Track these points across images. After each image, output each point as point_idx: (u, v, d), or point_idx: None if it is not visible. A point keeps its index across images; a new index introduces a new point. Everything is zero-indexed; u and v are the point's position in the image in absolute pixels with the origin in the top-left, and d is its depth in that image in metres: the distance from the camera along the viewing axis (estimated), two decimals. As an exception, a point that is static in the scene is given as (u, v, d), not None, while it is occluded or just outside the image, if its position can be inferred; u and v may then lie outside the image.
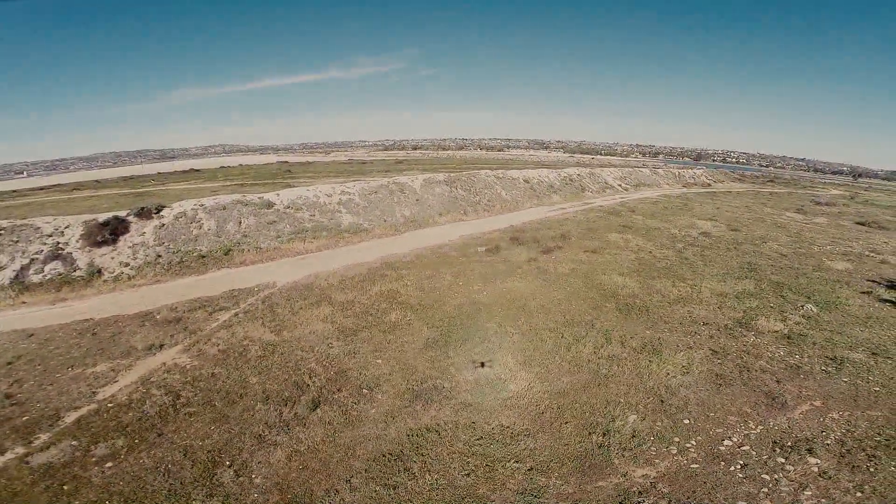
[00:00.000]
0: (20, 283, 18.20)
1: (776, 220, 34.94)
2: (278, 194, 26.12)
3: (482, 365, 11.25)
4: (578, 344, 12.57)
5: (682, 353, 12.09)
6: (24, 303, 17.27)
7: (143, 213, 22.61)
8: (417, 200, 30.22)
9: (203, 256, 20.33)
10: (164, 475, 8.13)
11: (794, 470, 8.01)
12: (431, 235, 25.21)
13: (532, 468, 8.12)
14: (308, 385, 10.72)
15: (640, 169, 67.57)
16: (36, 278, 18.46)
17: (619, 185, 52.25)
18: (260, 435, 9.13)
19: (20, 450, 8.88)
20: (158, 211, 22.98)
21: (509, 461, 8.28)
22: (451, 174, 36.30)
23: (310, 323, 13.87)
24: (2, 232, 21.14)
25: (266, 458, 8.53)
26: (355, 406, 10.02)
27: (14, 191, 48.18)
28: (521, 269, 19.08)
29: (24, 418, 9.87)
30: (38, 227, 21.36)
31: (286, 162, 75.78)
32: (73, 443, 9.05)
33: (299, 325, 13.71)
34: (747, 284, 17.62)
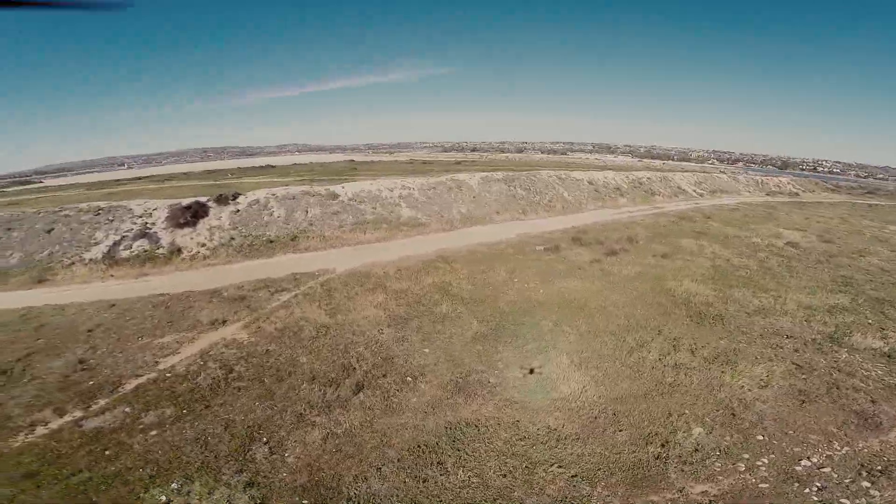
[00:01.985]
0: (111, 258, 20.14)
1: (877, 233, 30.82)
2: (343, 187, 27.00)
3: (531, 371, 10.61)
4: (642, 349, 11.66)
5: (761, 366, 10.85)
6: (111, 276, 19.08)
7: (221, 200, 24.25)
8: (474, 198, 29.97)
9: (271, 241, 21.40)
10: (201, 447, 8.35)
11: (881, 496, 6.91)
12: (487, 232, 24.83)
13: (576, 475, 7.54)
14: (354, 368, 10.77)
15: (718, 175, 62.77)
16: (125, 254, 20.36)
17: (694, 191, 48.76)
18: (300, 414, 9.23)
19: (78, 413, 9.54)
20: (235, 198, 24.55)
21: (552, 465, 7.74)
22: (510, 173, 35.67)
23: (363, 308, 14.03)
24: (100, 211, 23.55)
25: (302, 437, 8.56)
26: (397, 393, 9.90)
27: (117, 180, 54.22)
28: (582, 269, 18.19)
29: (90, 383, 10.70)
30: (131, 209, 23.56)
31: (352, 160, 78.67)
32: (126, 409, 9.59)
33: (353, 310, 13.90)
34: (841, 299, 15.57)
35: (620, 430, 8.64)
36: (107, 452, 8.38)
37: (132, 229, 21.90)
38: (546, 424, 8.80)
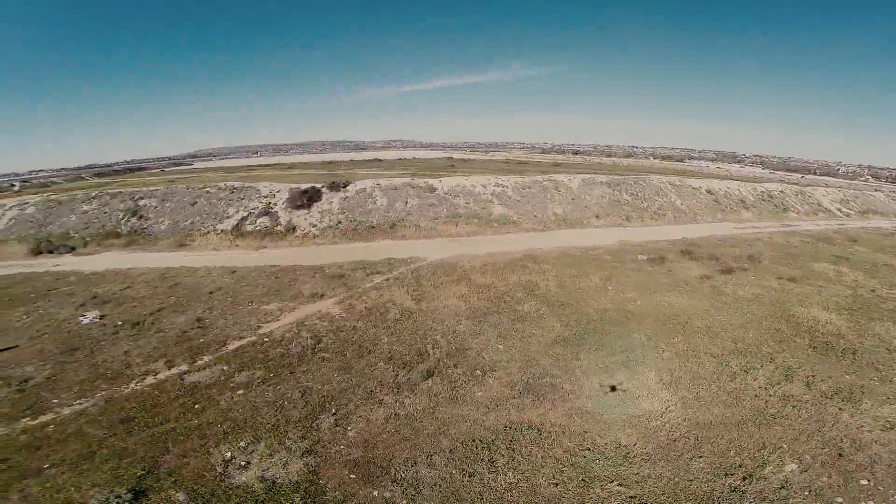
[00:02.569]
0: (238, 230, 23.06)
1: None
2: (440, 181, 27.76)
3: (612, 389, 9.86)
4: (746, 375, 10.31)
5: (890, 407, 9.00)
6: (237, 245, 21.86)
7: (334, 186, 26.42)
8: (572, 200, 28.80)
9: (372, 227, 22.83)
10: (276, 410, 9.03)
11: None
12: (583, 236, 23.72)
13: (635, 496, 6.89)
14: (428, 355, 11.01)
15: (871, 193, 52.72)
16: (249, 228, 23.17)
17: (838, 209, 41.55)
18: (371, 391, 9.61)
19: (184, 367, 10.89)
20: (345, 185, 26.60)
21: (611, 482, 7.18)
22: (615, 177, 33.63)
23: (446, 298, 14.30)
24: (234, 191, 27.01)
25: (368, 414, 8.87)
26: (464, 385, 9.89)
27: (250, 166, 62.20)
28: (689, 285, 16.54)
29: (201, 340, 12.23)
30: (258, 190, 26.68)
31: (451, 157, 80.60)
32: (223, 367, 10.75)
33: (437, 299, 14.25)
34: None
35: (699, 457, 7.75)
36: (196, 406, 9.43)
37: (258, 207, 24.87)
38: (616, 440, 8.19)
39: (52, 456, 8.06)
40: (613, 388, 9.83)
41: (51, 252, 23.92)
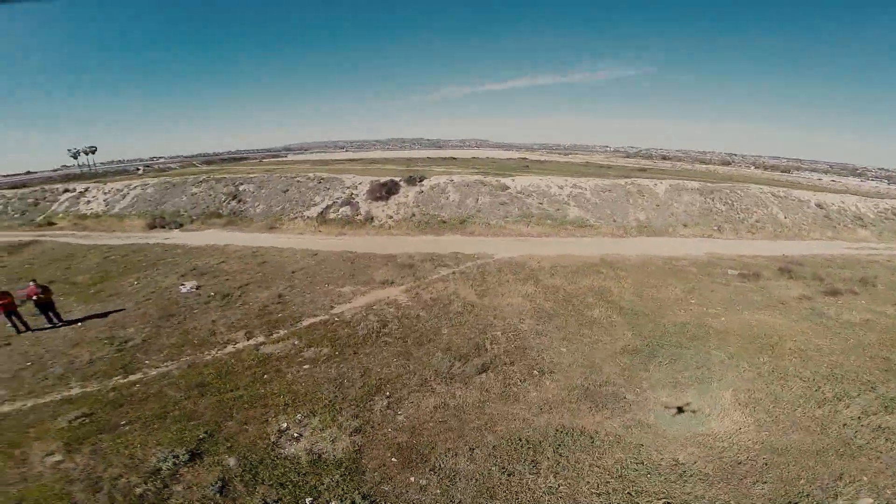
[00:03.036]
0: (322, 218, 24.60)
1: None
2: (513, 179, 27.47)
3: (679, 410, 9.07)
4: (839, 403, 9.08)
5: None
6: (320, 231, 23.33)
7: (411, 181, 27.25)
8: (657, 206, 27.02)
9: (444, 221, 23.22)
10: (336, 387, 9.44)
11: None
12: (667, 245, 22.18)
13: None
14: (486, 349, 10.95)
15: None
16: (332, 215, 24.62)
17: None
18: (425, 379, 9.74)
19: (261, 339, 11.72)
20: (421, 180, 27.32)
21: (658, 499, 6.63)
22: (708, 184, 30.97)
23: (511, 296, 14.14)
24: (321, 181, 28.82)
25: (418, 401, 8.99)
26: (519, 384, 9.69)
27: (336, 160, 66.22)
28: (786, 305, 14.83)
29: (279, 315, 13.12)
30: (342, 181, 28.25)
31: (525, 158, 79.24)
32: (295, 342, 11.43)
33: (501, 295, 14.14)
34: None
35: (763, 483, 6.94)
36: (265, 376, 10.06)
37: (341, 197, 26.37)
38: (674, 456, 7.57)
39: (130, 414, 8.96)
40: (681, 409, 9.08)
41: (163, 227, 27.27)
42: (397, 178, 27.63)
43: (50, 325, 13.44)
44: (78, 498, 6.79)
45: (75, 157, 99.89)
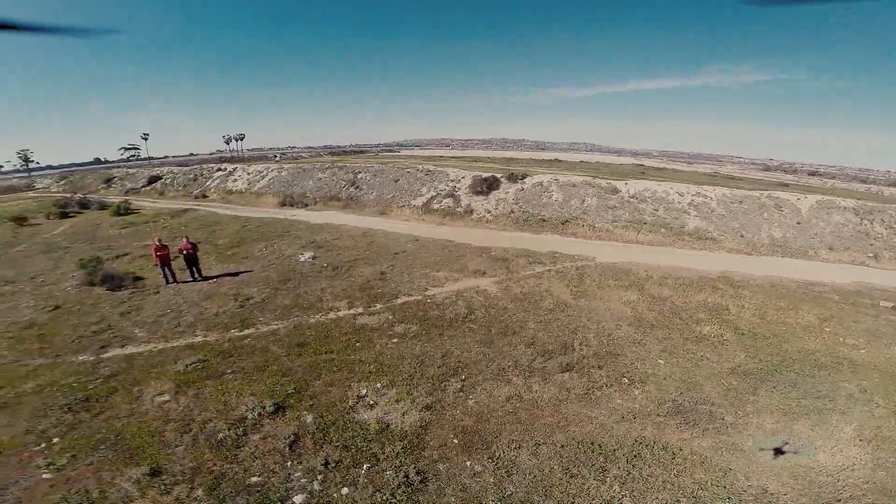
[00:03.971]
0: (426, 207, 25.59)
1: None
2: (626, 183, 25.78)
3: (779, 451, 7.68)
4: None
5: None
6: (423, 220, 24.29)
7: (512, 178, 27.11)
8: (798, 223, 23.30)
9: (544, 220, 22.69)
10: (417, 363, 9.72)
11: None
12: (804, 268, 19.06)
13: None
14: (573, 349, 10.47)
15: None
16: (435, 206, 25.49)
17: None
18: (503, 369, 9.59)
19: (360, 310, 12.58)
20: (523, 178, 27.03)
21: None
22: (868, 203, 25.91)
23: (610, 300, 13.32)
24: (428, 173, 29.96)
25: (492, 388, 8.86)
26: (604, 389, 9.08)
27: (441, 156, 68.47)
28: (960, 351, 11.88)
29: (378, 291, 13.95)
30: (447, 174, 29.07)
31: (641, 165, 73.73)
32: (388, 316, 12.08)
33: (598, 299, 13.40)
34: None
35: None
36: (357, 344, 10.69)
37: (445, 189, 27.20)
38: (763, 485, 6.56)
39: (236, 364, 10.07)
40: (785, 445, 7.79)
41: (291, 205, 30.67)
42: (499, 175, 27.65)
43: (191, 279, 15.94)
44: (167, 437, 7.73)
45: (227, 143, 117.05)
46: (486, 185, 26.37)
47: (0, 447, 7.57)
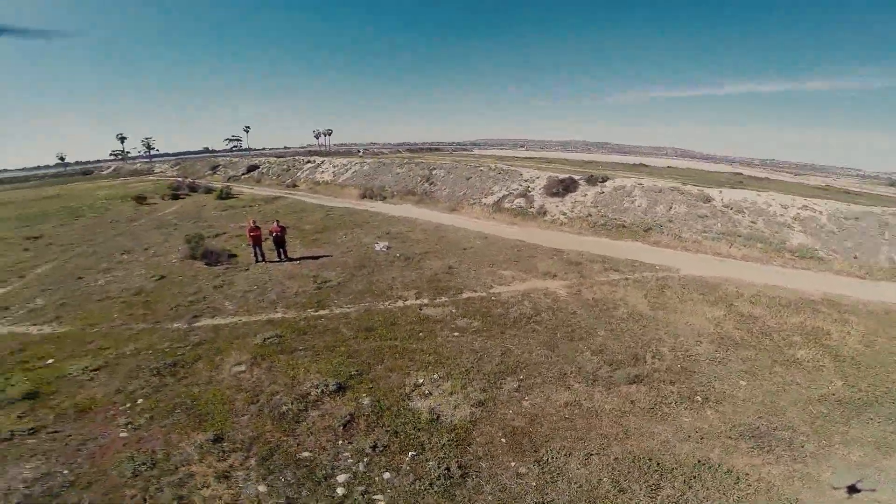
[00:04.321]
0: (497, 206, 25.47)
1: None
2: (720, 192, 23.70)
3: (853, 489, 6.56)
4: None
5: None
6: (493, 218, 24.21)
7: (591, 180, 26.10)
8: (934, 248, 19.90)
9: (623, 226, 21.58)
10: (475, 359, 9.68)
11: None
12: (938, 300, 16.29)
13: None
14: (644, 362, 9.87)
15: None
16: (506, 205, 25.28)
17: None
18: (564, 374, 9.25)
19: (426, 300, 12.92)
20: (603, 181, 25.92)
21: None
22: None
23: (691, 315, 12.36)
24: (501, 172, 29.78)
25: (550, 392, 8.61)
26: (673, 406, 8.44)
27: (516, 157, 67.84)
28: None
29: (445, 284, 14.14)
30: (521, 174, 28.71)
31: (739, 174, 67.26)
32: (452, 310, 12.20)
33: (678, 312, 12.49)
34: None
35: None
36: (420, 333, 10.89)
37: (517, 189, 26.88)
38: None
39: (307, 342, 10.67)
40: (855, 489, 6.70)
41: (371, 198, 32.08)
42: (577, 177, 26.71)
43: (278, 259, 17.28)
44: (236, 405, 8.34)
45: (317, 138, 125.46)
46: (563, 187, 25.61)
47: (92, 403, 8.52)
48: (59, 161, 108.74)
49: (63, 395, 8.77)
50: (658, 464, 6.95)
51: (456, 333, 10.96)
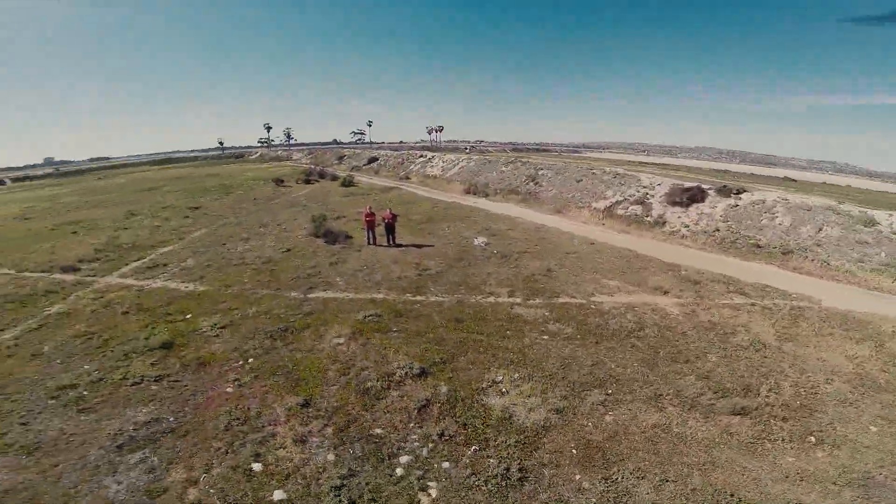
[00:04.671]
0: (609, 212, 24.06)
1: None
2: (891, 215, 19.53)
3: None
4: None
5: None
6: (602, 224, 22.93)
7: (723, 191, 23.33)
8: None
9: (758, 246, 18.95)
10: (562, 366, 9.32)
11: None
12: None
13: None
14: (756, 394, 8.65)
15: None
16: (619, 211, 23.75)
17: None
18: (659, 395, 8.45)
19: (518, 300, 12.74)
20: (738, 193, 23.01)
21: None
22: None
23: (827, 351, 10.45)
24: (616, 175, 28.09)
25: (638, 411, 7.95)
26: (780, 442, 7.37)
27: (634, 161, 62.93)
28: None
29: (541, 285, 13.83)
30: (639, 179, 26.77)
31: (928, 197, 54.39)
32: (545, 313, 11.87)
33: (812, 347, 10.65)
34: None
35: None
36: (507, 332, 10.72)
37: (634, 195, 25.10)
38: None
39: (402, 324, 11.12)
40: None
41: (474, 194, 32.58)
42: (706, 186, 24.00)
43: (387, 244, 18.42)
44: (328, 375, 8.95)
45: (429, 134, 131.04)
46: (688, 196, 23.21)
47: (212, 358, 9.73)
48: (219, 145, 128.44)
49: (191, 348, 10.19)
50: (740, 500, 6.15)
51: (545, 337, 10.66)
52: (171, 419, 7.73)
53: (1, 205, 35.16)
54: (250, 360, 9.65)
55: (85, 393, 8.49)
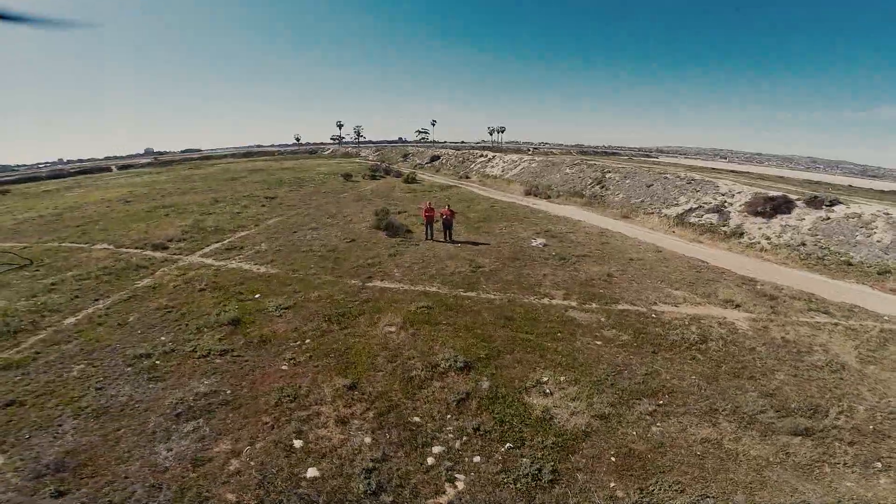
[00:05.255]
0: (680, 219, 22.75)
1: None
2: None
3: None
4: None
5: None
6: (673, 231, 21.72)
7: (813, 202, 21.26)
8: None
9: (849, 264, 17.07)
10: (613, 372, 9.02)
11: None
12: None
13: None
14: (824, 415, 7.92)
15: None
16: (692, 219, 22.38)
17: None
18: (714, 409, 7.96)
19: (573, 303, 12.50)
20: (831, 204, 20.86)
21: None
22: None
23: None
24: (691, 181, 26.47)
25: (690, 425, 7.57)
26: (841, 466, 6.78)
27: (712, 168, 58.73)
28: None
29: (599, 291, 13.49)
30: (717, 186, 25.06)
31: None
32: (601, 318, 11.51)
33: (885, 371, 9.49)
34: None
35: None
36: (558, 334, 10.54)
37: (710, 203, 23.54)
38: None
39: (451, 318, 11.30)
40: None
41: (535, 195, 32.11)
42: (793, 196, 21.93)
43: (443, 240, 18.74)
44: (377, 361, 9.21)
45: (490, 134, 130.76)
46: (772, 206, 21.36)
47: (273, 336, 10.38)
48: (296, 141, 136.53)
49: (256, 326, 10.95)
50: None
51: (598, 342, 10.32)
52: (228, 392, 8.18)
53: (109, 189, 39.91)
54: (307, 340, 10.23)
55: (157, 362, 9.30)
